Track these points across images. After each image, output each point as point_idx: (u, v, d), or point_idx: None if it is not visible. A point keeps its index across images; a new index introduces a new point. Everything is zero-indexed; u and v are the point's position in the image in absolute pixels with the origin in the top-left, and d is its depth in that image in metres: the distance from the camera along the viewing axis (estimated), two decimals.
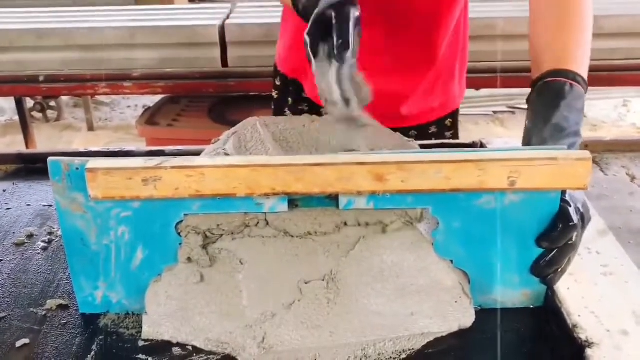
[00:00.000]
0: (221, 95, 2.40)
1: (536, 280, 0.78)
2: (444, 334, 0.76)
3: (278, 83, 1.27)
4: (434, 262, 0.75)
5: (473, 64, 1.92)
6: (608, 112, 4.19)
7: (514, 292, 0.79)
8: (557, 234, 0.74)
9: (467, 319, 0.77)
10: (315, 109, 1.20)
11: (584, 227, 0.76)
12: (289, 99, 1.25)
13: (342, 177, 0.70)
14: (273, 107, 1.30)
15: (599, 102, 4.23)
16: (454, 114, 1.29)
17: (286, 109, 1.26)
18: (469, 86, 2.05)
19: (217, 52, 1.96)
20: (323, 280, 0.74)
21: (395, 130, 0.94)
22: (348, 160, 0.70)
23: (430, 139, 1.25)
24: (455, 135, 1.31)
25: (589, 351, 0.68)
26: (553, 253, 0.75)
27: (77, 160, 0.72)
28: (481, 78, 1.97)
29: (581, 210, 0.75)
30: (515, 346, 0.74)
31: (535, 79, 0.87)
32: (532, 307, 0.80)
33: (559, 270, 0.76)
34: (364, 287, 0.74)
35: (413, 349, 0.74)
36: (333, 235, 0.75)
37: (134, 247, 0.76)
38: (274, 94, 1.28)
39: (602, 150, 1.23)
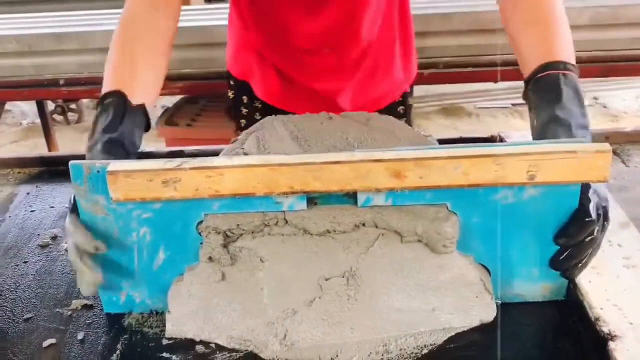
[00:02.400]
0: None
1: (557, 273, 0.77)
2: (466, 329, 0.76)
3: (232, 83, 1.31)
4: (455, 257, 0.75)
5: (491, 56, 1.92)
6: (629, 103, 4.14)
7: (534, 285, 0.79)
8: (574, 230, 0.74)
9: (489, 313, 0.76)
10: (268, 108, 1.24)
11: (606, 222, 0.75)
12: (243, 97, 1.29)
13: (360, 175, 0.70)
14: (232, 107, 1.33)
15: (619, 93, 4.18)
16: (404, 101, 1.29)
17: (241, 108, 1.29)
18: (487, 79, 2.06)
19: None
20: (343, 276, 0.74)
21: None
22: (365, 158, 0.70)
23: None
24: (408, 122, 1.29)
25: (611, 344, 0.68)
26: (571, 248, 0.75)
27: (98, 163, 0.73)
28: (500, 70, 1.95)
29: (603, 204, 0.75)
30: (537, 340, 0.74)
31: (528, 77, 0.87)
32: (553, 300, 0.80)
33: (579, 264, 0.76)
34: (384, 283, 0.74)
35: (434, 344, 0.74)
36: (352, 233, 0.75)
37: (156, 248, 0.78)
38: (230, 94, 1.32)
39: (623, 142, 1.21)
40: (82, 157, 0.78)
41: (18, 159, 1.26)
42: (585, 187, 0.73)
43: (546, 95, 0.83)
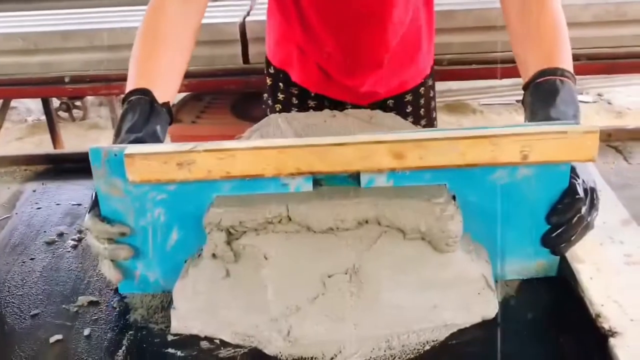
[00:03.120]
0: (243, 91, 2.42)
1: (549, 251, 0.81)
2: (468, 325, 0.76)
3: (271, 71, 1.35)
4: (457, 254, 0.76)
5: (495, 53, 1.92)
6: (634, 99, 4.13)
7: (528, 263, 0.83)
8: (563, 208, 0.78)
9: (491, 310, 0.77)
10: (304, 93, 1.30)
11: (593, 204, 0.79)
12: (280, 84, 1.33)
13: (363, 156, 0.73)
14: (267, 93, 1.38)
15: (623, 89, 4.17)
16: (425, 83, 1.34)
17: (279, 94, 1.34)
18: (491, 77, 2.06)
19: (238, 49, 1.97)
20: (346, 273, 0.75)
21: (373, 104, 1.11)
22: (368, 140, 0.73)
23: (407, 108, 1.32)
24: (429, 101, 1.36)
25: (612, 340, 0.68)
26: (563, 227, 0.78)
27: (116, 147, 0.76)
28: (503, 67, 1.95)
29: (590, 186, 0.79)
30: (538, 336, 0.75)
31: (526, 82, 0.91)
32: (555, 297, 0.80)
33: (568, 242, 0.79)
34: (387, 280, 0.75)
35: (437, 340, 0.75)
36: (355, 230, 0.75)
37: (170, 228, 0.81)
38: (268, 80, 1.36)
39: (626, 139, 1.21)
40: (87, 154, 0.79)
41: (24, 156, 1.27)
42: (574, 169, 0.78)
43: (542, 98, 0.86)
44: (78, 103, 4.17)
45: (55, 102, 3.80)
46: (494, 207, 0.79)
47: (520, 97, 0.94)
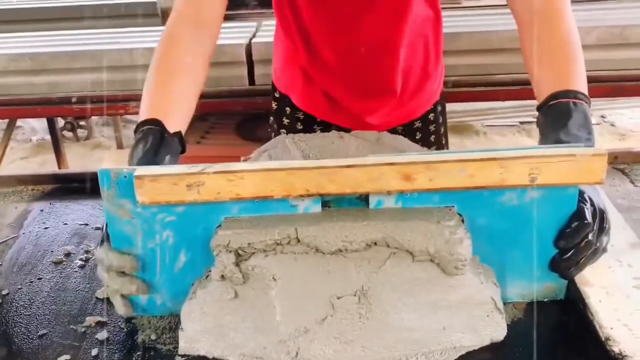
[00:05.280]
0: (248, 112, 2.43)
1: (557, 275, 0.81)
2: (476, 347, 0.76)
3: (277, 95, 1.35)
4: (466, 277, 0.76)
5: (499, 76, 1.94)
6: (637, 121, 4.14)
7: (537, 285, 0.83)
8: (571, 232, 0.77)
9: (499, 332, 0.77)
10: (309, 119, 1.30)
11: (603, 227, 0.78)
12: (287, 108, 1.33)
13: (372, 178, 0.74)
14: (272, 117, 1.38)
15: (626, 111, 4.19)
16: (434, 109, 1.34)
17: (284, 118, 1.34)
18: (494, 98, 2.07)
19: (244, 71, 1.98)
20: (355, 295, 0.74)
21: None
22: (377, 162, 0.74)
23: (416, 135, 1.32)
24: (439, 128, 1.36)
25: None
26: (571, 251, 0.78)
27: (125, 169, 0.76)
28: (507, 90, 1.97)
29: (599, 209, 0.78)
30: (547, 359, 0.75)
31: (540, 104, 0.91)
32: (564, 320, 0.80)
33: (576, 267, 0.79)
34: (396, 302, 0.75)
35: None
36: (364, 252, 0.76)
37: (178, 250, 0.81)
38: (273, 104, 1.37)
39: (632, 161, 1.22)
40: (95, 174, 0.80)
41: (32, 176, 1.28)
42: (582, 194, 0.78)
43: (554, 121, 0.86)
44: (83, 123, 4.18)
45: (60, 122, 3.82)
46: (502, 230, 0.79)
47: (524, 119, 0.94)
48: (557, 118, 0.86)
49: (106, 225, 0.80)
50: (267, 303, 0.76)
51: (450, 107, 1.55)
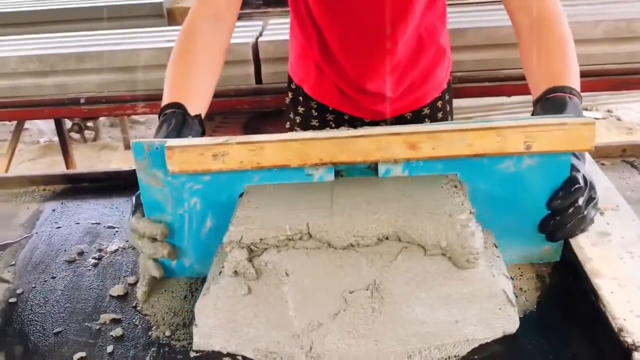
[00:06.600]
0: (255, 110, 2.44)
1: None
2: (489, 340, 0.77)
3: (292, 87, 1.43)
4: (478, 270, 0.76)
5: (506, 71, 1.93)
6: None
7: (533, 248, 0.89)
8: (564, 193, 0.84)
9: (511, 325, 0.77)
10: (323, 108, 1.38)
11: (592, 198, 0.85)
12: (300, 98, 1.40)
13: (380, 147, 0.81)
14: (287, 106, 1.45)
15: (633, 105, 4.17)
16: (442, 97, 1.41)
17: (299, 107, 1.41)
18: (500, 93, 2.07)
19: (251, 69, 1.99)
20: (367, 289, 0.75)
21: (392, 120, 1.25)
22: (385, 132, 0.81)
23: (424, 122, 1.38)
24: (446, 116, 1.44)
25: (636, 355, 0.68)
26: (558, 214, 0.84)
27: (157, 141, 0.84)
28: (513, 85, 1.96)
29: (590, 181, 0.85)
30: (559, 351, 0.75)
31: (537, 98, 0.98)
32: (576, 312, 0.80)
33: (563, 229, 0.85)
34: (408, 295, 0.75)
35: (458, 355, 0.75)
36: (375, 247, 0.76)
37: (204, 216, 0.88)
38: (289, 94, 1.44)
39: None
40: (106, 173, 0.82)
41: (43, 176, 1.29)
42: (574, 167, 0.84)
43: (551, 110, 0.93)
44: (90, 124, 4.20)
45: (68, 123, 3.84)
46: (501, 195, 0.85)
47: (529, 114, 0.96)
48: (554, 108, 0.93)
49: (136, 196, 0.87)
50: (280, 298, 0.76)
51: (456, 102, 1.55)
